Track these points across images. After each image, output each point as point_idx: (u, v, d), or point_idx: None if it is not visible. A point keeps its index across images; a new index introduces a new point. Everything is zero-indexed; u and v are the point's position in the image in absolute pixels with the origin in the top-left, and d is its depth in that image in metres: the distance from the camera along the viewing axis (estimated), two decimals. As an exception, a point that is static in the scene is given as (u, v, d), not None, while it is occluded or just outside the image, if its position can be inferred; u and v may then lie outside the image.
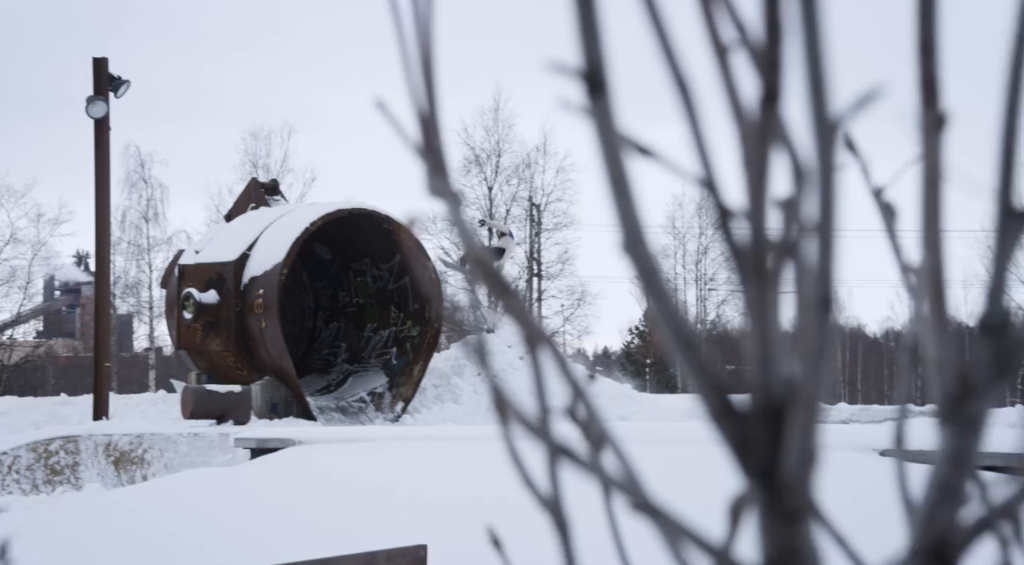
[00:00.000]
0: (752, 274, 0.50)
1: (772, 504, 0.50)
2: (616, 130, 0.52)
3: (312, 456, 9.89)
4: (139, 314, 42.84)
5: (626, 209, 0.52)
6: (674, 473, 6.88)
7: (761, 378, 0.50)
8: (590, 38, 0.51)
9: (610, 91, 0.52)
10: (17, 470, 15.70)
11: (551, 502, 0.63)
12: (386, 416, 19.96)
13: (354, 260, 21.53)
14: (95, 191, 20.37)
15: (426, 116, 0.65)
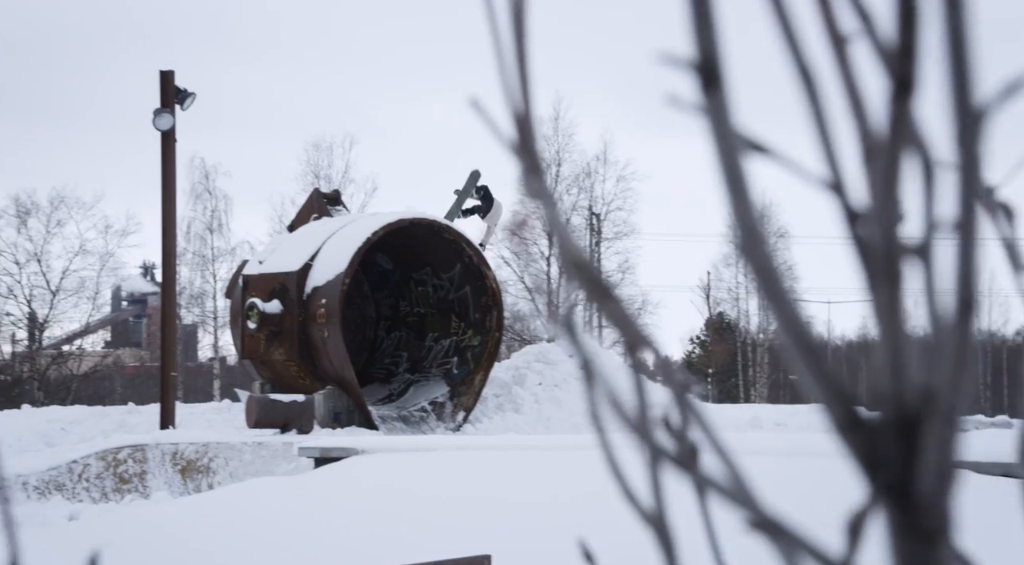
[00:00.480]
0: (882, 277, 0.47)
1: (905, 523, 0.47)
2: (732, 126, 0.49)
3: (375, 466, 9.92)
4: (204, 324, 43.42)
5: (743, 209, 0.49)
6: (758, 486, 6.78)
7: (892, 387, 0.47)
8: (704, 25, 0.49)
9: (726, 84, 0.50)
10: (87, 478, 15.95)
11: (654, 517, 0.60)
12: (447, 426, 19.99)
13: (415, 270, 21.62)
14: (162, 203, 20.67)
15: (521, 115, 0.63)
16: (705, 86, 0.50)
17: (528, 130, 0.63)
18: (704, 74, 0.49)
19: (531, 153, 0.63)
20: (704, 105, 0.50)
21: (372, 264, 21.55)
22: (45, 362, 38.46)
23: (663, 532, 0.60)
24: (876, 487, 0.47)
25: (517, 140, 0.63)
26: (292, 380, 19.94)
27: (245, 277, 20.48)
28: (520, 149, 0.63)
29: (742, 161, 0.50)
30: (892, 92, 0.47)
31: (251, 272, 20.45)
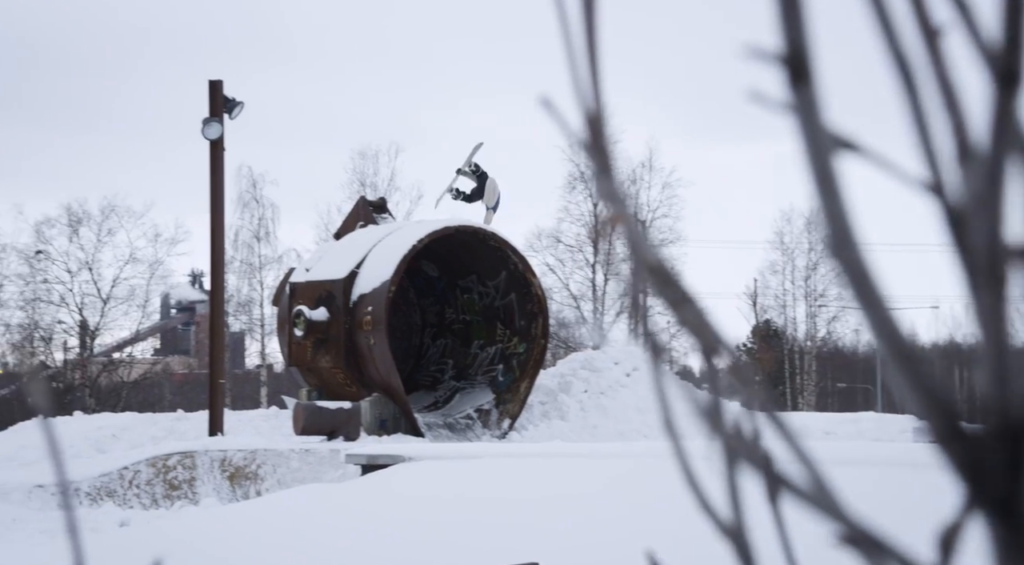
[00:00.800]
0: (985, 282, 0.44)
1: (1012, 539, 0.44)
2: (822, 123, 0.47)
3: (422, 473, 9.93)
4: (251, 331, 43.76)
5: (835, 209, 0.47)
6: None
7: (997, 397, 0.44)
8: (792, 15, 0.47)
9: (815, 78, 0.47)
10: (137, 485, 16.11)
11: (733, 530, 0.58)
12: (493, 433, 19.98)
13: (460, 277, 21.64)
14: (210, 211, 20.87)
15: (593, 115, 0.61)
16: (793, 81, 0.48)
17: (599, 129, 0.61)
18: (792, 68, 0.47)
19: (603, 152, 0.61)
20: (792, 101, 0.48)
21: (418, 271, 21.60)
22: (96, 369, 38.94)
23: (743, 546, 0.58)
24: (980, 501, 0.45)
25: (589, 139, 0.61)
26: (339, 387, 20.02)
27: (292, 285, 20.61)
28: (592, 148, 0.61)
29: (833, 160, 0.48)
30: (995, 87, 0.44)
31: (298, 280, 20.58)
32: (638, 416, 20.45)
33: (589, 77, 0.60)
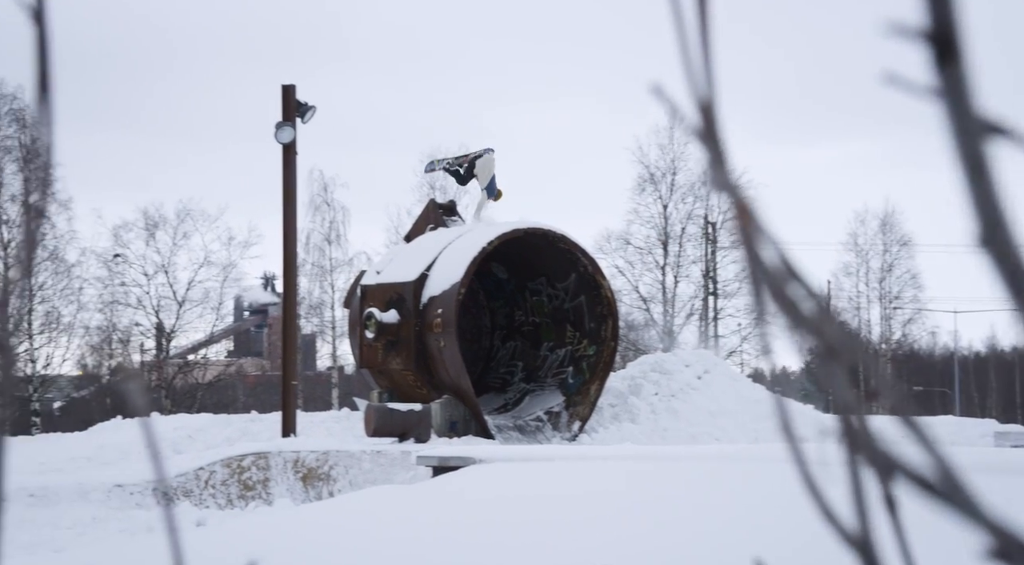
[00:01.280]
0: None
1: None
2: (972, 106, 0.44)
3: (494, 475, 9.93)
4: (322, 334, 44.18)
5: (985, 196, 0.44)
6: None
7: None
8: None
9: (964, 58, 0.44)
10: (213, 485, 16.33)
11: (859, 540, 0.55)
12: (563, 435, 19.93)
13: (530, 279, 21.63)
14: (283, 214, 21.10)
15: (706, 103, 0.58)
16: (940, 61, 0.45)
17: (712, 117, 0.58)
18: (939, 47, 0.44)
19: (715, 141, 0.58)
20: (938, 83, 0.45)
21: (487, 274, 21.64)
22: (172, 371, 39.60)
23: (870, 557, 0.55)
24: None
25: (701, 127, 0.58)
26: (409, 389, 20.11)
27: (363, 287, 20.76)
28: (705, 136, 0.58)
29: (983, 146, 0.45)
30: None
31: (369, 282, 20.72)
32: (710, 419, 20.27)
33: (701, 63, 0.57)
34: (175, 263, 39.58)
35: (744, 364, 41.85)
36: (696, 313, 40.36)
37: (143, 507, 15.10)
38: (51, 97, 0.75)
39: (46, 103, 0.75)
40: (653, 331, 40.30)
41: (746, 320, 40.55)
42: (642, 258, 40.13)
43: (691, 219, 40.70)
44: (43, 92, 0.74)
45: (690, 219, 40.67)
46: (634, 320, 40.41)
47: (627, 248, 40.18)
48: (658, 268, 40.11)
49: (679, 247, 40.13)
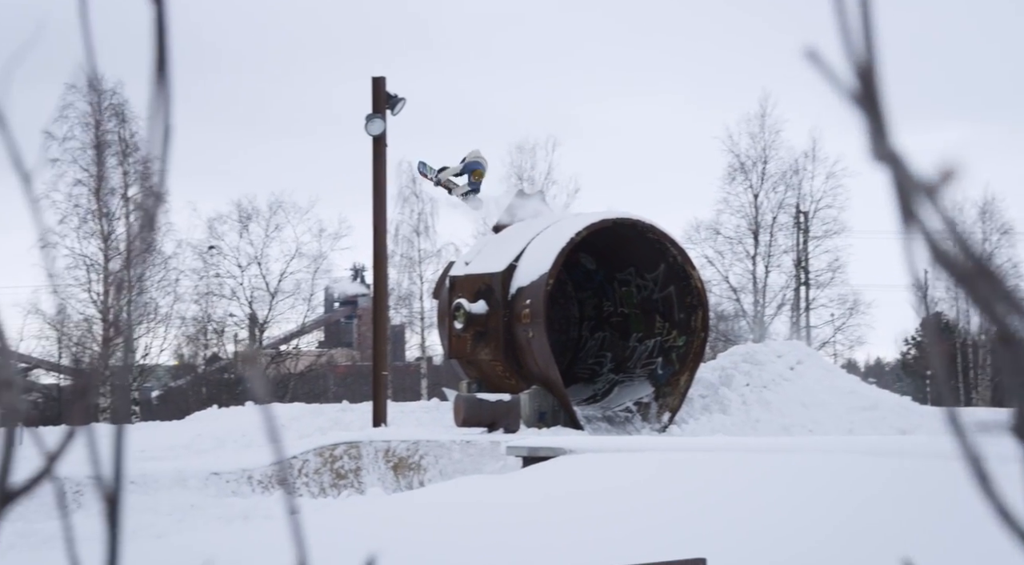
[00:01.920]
0: None
1: None
2: None
3: (584, 465, 9.90)
4: (411, 324, 44.52)
5: None
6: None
7: None
8: None
9: None
10: (306, 474, 16.56)
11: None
12: (653, 426, 19.81)
13: (618, 270, 21.53)
14: (373, 206, 21.28)
15: (866, 69, 0.55)
16: None
17: (872, 83, 0.55)
18: None
19: (876, 108, 0.54)
20: None
21: (576, 264, 21.58)
22: (265, 361, 40.28)
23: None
24: None
25: (860, 93, 0.55)
26: (498, 379, 20.17)
27: (452, 278, 20.85)
28: (864, 102, 0.54)
29: None
30: None
31: (457, 273, 20.81)
32: (803, 411, 19.96)
33: (861, 26, 0.54)
34: (267, 255, 40.24)
35: (837, 355, 41.14)
36: (787, 303, 39.78)
37: (239, 495, 15.37)
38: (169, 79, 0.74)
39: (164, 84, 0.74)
40: (743, 321, 39.82)
41: (839, 310, 39.88)
42: (732, 248, 39.68)
43: (782, 208, 40.11)
44: (161, 74, 0.73)
45: (781, 208, 40.08)
46: (724, 310, 39.97)
47: (717, 238, 39.76)
48: (748, 258, 39.62)
49: (770, 236, 39.58)
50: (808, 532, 7.47)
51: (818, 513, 7.87)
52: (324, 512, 11.78)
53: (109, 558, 0.79)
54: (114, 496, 0.80)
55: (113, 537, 0.79)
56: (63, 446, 0.83)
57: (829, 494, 8.24)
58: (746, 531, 7.54)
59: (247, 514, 13.43)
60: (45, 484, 0.83)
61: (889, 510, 7.49)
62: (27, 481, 0.80)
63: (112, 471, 0.81)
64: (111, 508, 0.79)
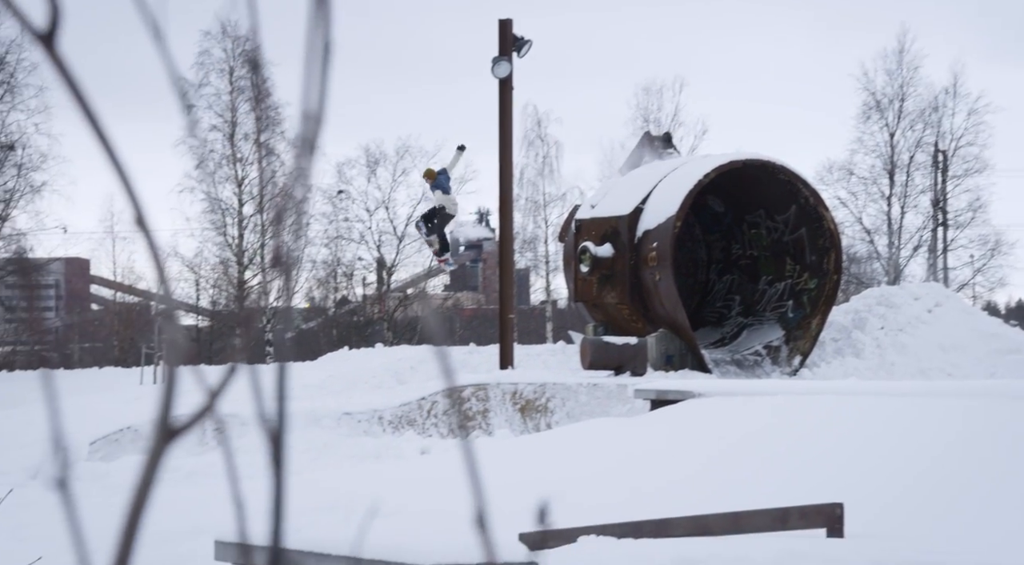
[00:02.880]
0: None
1: None
2: None
3: (714, 409, 9.79)
4: (536, 268, 44.65)
5: None
6: None
7: None
8: None
9: None
10: (435, 415, 16.83)
11: None
12: (783, 370, 19.52)
13: (748, 212, 21.14)
14: (499, 150, 21.28)
15: None
16: None
17: None
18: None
19: None
20: None
21: (703, 207, 21.27)
22: (393, 304, 40.94)
23: None
24: None
25: None
26: (624, 323, 20.09)
27: (577, 221, 20.77)
28: None
29: None
30: None
31: (583, 216, 20.72)
32: (941, 354, 19.39)
33: None
34: (395, 199, 40.74)
35: (976, 297, 39.81)
36: (924, 245, 38.57)
37: (370, 435, 15.71)
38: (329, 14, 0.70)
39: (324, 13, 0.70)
40: (877, 264, 38.79)
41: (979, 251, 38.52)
42: (866, 188, 38.56)
43: (920, 147, 38.76)
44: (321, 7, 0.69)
45: (919, 147, 38.74)
46: (856, 252, 38.99)
47: (850, 179, 38.67)
48: (883, 199, 38.47)
49: (906, 176, 38.34)
50: (949, 480, 7.25)
51: (959, 459, 7.63)
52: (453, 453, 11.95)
53: (275, 494, 0.76)
54: (278, 434, 0.77)
55: (278, 474, 0.76)
56: (224, 383, 0.81)
57: (971, 440, 7.98)
58: (884, 477, 7.36)
59: (379, 454, 13.71)
60: (205, 421, 0.81)
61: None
62: (189, 417, 0.79)
63: (276, 409, 0.78)
64: (275, 446, 0.77)
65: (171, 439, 0.79)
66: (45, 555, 5.97)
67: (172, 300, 0.78)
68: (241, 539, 0.78)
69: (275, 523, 0.76)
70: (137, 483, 0.76)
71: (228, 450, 0.84)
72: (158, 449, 0.78)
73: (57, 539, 7.42)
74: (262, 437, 0.78)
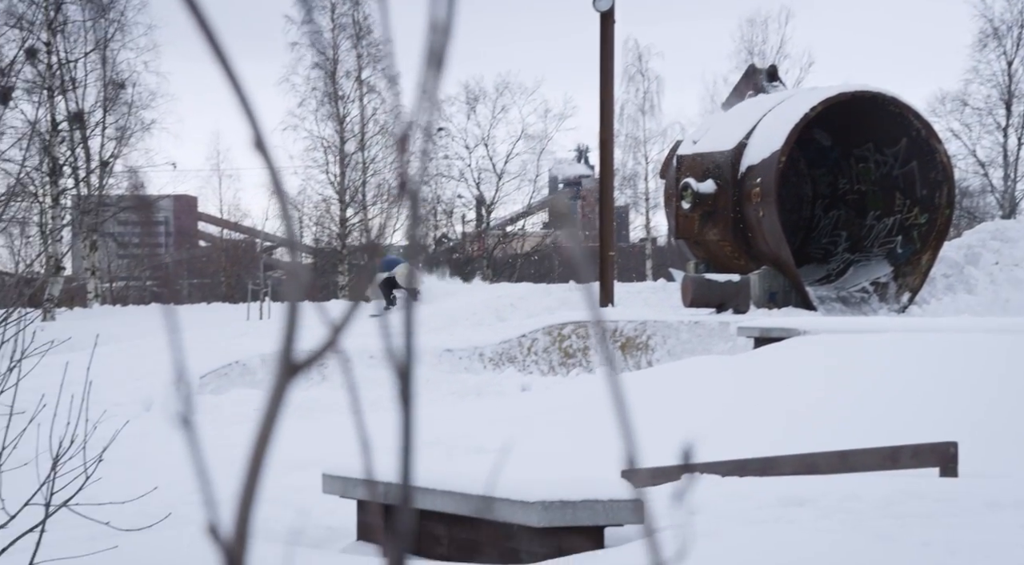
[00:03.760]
0: None
1: None
2: None
3: (821, 346, 9.63)
4: (636, 205, 44.34)
5: None
6: None
7: None
8: None
9: None
10: (535, 352, 16.88)
11: None
12: (891, 307, 19.11)
13: (856, 146, 20.61)
14: (600, 85, 21.03)
15: None
16: None
17: None
18: None
19: None
20: None
21: (809, 141, 20.78)
22: (492, 242, 41.08)
23: None
24: None
25: None
26: (726, 260, 19.85)
27: (679, 157, 20.49)
28: None
29: None
30: None
31: (685, 152, 20.43)
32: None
33: None
34: (494, 136, 40.68)
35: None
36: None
37: (471, 371, 15.85)
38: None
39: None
40: (992, 197, 37.56)
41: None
42: (981, 120, 37.21)
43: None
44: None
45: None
46: (969, 186, 37.79)
47: (964, 110, 37.34)
48: (999, 130, 37.11)
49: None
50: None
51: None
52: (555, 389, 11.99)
53: (404, 431, 0.74)
54: (406, 369, 0.74)
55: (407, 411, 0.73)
56: (348, 317, 0.78)
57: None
58: (999, 416, 7.17)
59: (479, 390, 13.82)
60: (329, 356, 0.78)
61: None
62: (312, 352, 0.76)
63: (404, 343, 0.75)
64: (404, 381, 0.74)
65: (294, 374, 0.77)
66: (161, 485, 6.16)
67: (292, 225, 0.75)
68: (367, 475, 0.76)
69: (404, 460, 0.73)
70: (261, 418, 0.74)
71: (352, 384, 0.81)
72: (281, 384, 0.76)
73: (172, 469, 7.65)
74: (391, 372, 0.76)
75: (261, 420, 0.73)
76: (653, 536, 0.65)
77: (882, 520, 4.81)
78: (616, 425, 0.78)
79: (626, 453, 0.66)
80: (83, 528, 4.78)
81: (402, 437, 0.72)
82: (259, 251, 44.40)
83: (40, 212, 31.76)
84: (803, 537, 4.51)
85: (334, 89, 36.77)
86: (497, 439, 8.68)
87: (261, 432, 0.73)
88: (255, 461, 0.72)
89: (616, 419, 0.67)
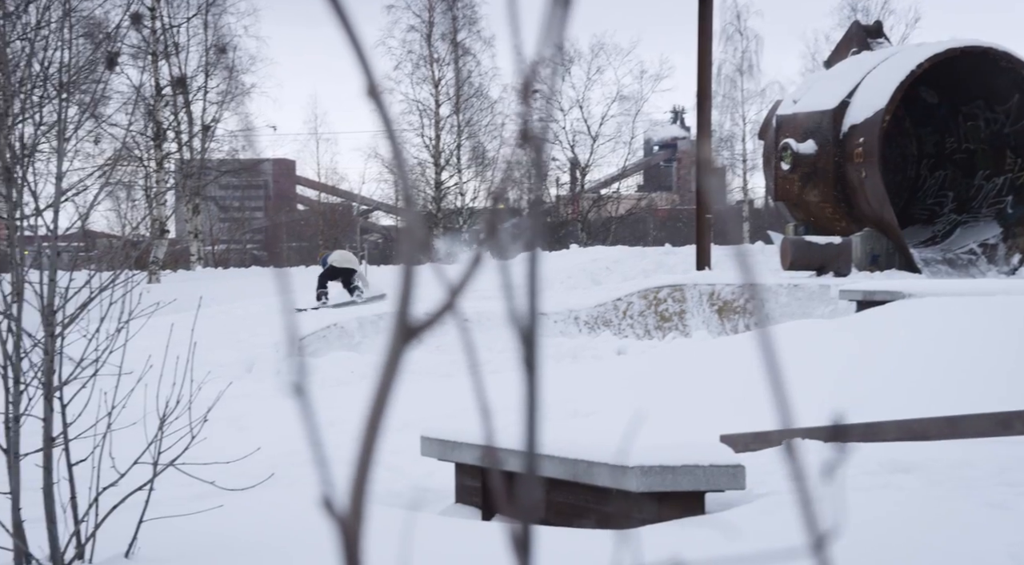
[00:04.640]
0: None
1: None
2: None
3: (927, 310, 9.36)
4: (733, 167, 43.71)
5: None
6: None
7: None
8: None
9: None
10: (631, 315, 16.77)
11: None
12: (1000, 269, 18.55)
13: (964, 103, 19.95)
14: (697, 45, 20.68)
15: None
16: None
17: None
18: None
19: None
20: None
21: (915, 99, 20.18)
22: (587, 205, 40.89)
23: None
24: None
25: None
26: (827, 222, 19.46)
27: (778, 117, 20.09)
28: None
29: None
30: None
31: (785, 112, 20.01)
32: None
33: None
34: (588, 98, 40.40)
35: None
36: None
37: (566, 335, 15.81)
38: None
39: None
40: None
41: None
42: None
43: None
44: None
45: None
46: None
47: None
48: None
49: None
50: None
51: None
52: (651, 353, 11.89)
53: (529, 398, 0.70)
54: (530, 334, 0.70)
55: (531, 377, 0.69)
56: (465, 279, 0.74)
57: None
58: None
59: (575, 354, 13.78)
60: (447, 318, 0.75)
61: None
62: (429, 315, 0.72)
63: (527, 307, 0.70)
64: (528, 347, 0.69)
65: (411, 338, 0.74)
66: (263, 445, 6.26)
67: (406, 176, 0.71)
68: (487, 441, 0.72)
69: (530, 428, 0.69)
70: (377, 383, 0.71)
71: (470, 347, 0.77)
72: (397, 347, 0.72)
73: (273, 429, 7.78)
74: (513, 337, 0.71)
75: (376, 386, 0.70)
76: (808, 505, 0.60)
77: (995, 488, 4.67)
78: (768, 387, 0.74)
79: (780, 416, 0.62)
80: (189, 487, 4.87)
81: (527, 404, 0.68)
82: (356, 215, 44.85)
83: (145, 176, 32.50)
84: (913, 504, 4.39)
85: (430, 52, 36.84)
86: (592, 403, 8.64)
87: (376, 400, 0.69)
88: (371, 428, 0.69)
89: (767, 381, 0.62)
